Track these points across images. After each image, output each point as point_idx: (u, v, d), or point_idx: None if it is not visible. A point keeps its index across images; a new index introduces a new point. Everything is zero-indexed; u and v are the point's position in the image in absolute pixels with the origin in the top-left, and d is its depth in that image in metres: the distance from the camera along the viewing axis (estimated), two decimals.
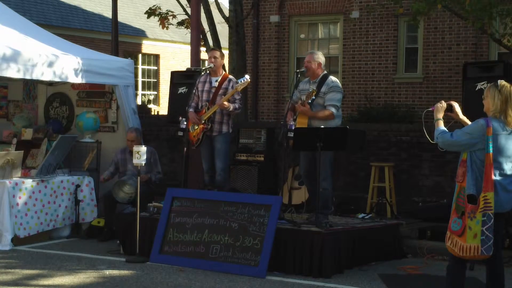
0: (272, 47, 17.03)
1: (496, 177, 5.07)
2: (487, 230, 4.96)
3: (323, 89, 7.78)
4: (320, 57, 8.00)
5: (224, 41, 16.25)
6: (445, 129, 5.29)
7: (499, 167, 5.11)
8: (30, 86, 10.88)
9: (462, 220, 5.04)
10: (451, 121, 5.73)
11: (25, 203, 8.52)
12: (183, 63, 23.47)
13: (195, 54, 10.88)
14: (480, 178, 5.05)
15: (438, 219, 8.83)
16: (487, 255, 5.02)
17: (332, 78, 7.98)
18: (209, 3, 15.32)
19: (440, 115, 5.37)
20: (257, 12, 17.00)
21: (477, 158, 5.10)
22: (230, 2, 14.81)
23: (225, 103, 8.38)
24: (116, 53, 15.28)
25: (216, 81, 8.65)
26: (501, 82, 5.24)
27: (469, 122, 5.53)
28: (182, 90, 10.22)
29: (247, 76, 8.55)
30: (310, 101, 7.64)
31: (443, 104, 5.40)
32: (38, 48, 8.96)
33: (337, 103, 7.82)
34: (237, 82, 8.45)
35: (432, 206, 9.56)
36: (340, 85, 7.95)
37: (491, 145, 5.04)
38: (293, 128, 7.63)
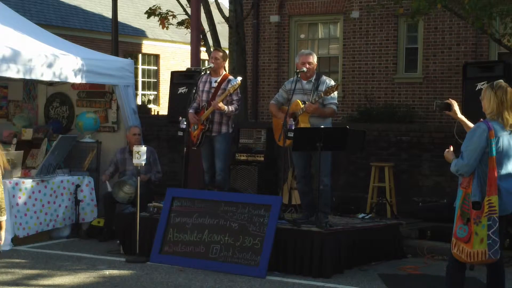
0: (272, 47, 17.02)
1: (500, 180, 5.04)
2: (493, 234, 4.95)
3: (321, 87, 7.86)
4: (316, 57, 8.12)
5: (224, 41, 16.25)
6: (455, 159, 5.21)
7: (503, 169, 5.09)
8: (30, 86, 10.87)
9: (468, 226, 5.01)
10: (452, 121, 5.73)
11: (25, 203, 8.53)
12: (183, 63, 23.45)
13: (195, 54, 10.88)
14: (484, 182, 5.02)
15: (438, 219, 8.83)
16: (494, 258, 5.00)
17: (326, 77, 8.12)
18: (209, 3, 15.32)
19: (452, 159, 5.29)
20: (257, 12, 16.98)
21: (481, 163, 5.07)
22: (230, 2, 14.81)
23: (220, 104, 8.38)
24: (116, 53, 15.26)
25: (216, 81, 8.65)
26: (498, 83, 5.21)
27: (467, 121, 5.51)
28: (182, 90, 10.22)
29: (238, 78, 8.57)
30: (330, 96, 7.77)
31: (450, 148, 5.35)
32: (38, 48, 8.96)
33: (336, 100, 8.01)
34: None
35: (432, 206, 9.56)
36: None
37: (494, 148, 5.01)
38: (293, 128, 7.66)
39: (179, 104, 9.81)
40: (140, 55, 24.29)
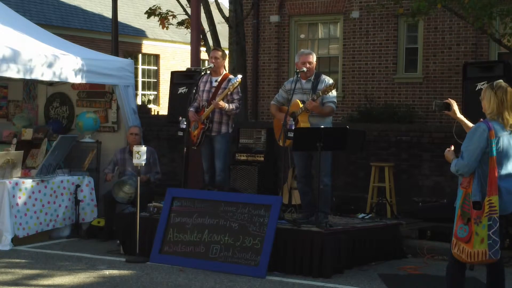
0: (272, 47, 17.03)
1: (500, 179, 5.04)
2: (493, 234, 4.95)
3: (320, 86, 7.85)
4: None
5: (224, 41, 16.25)
6: (456, 158, 5.20)
7: (503, 168, 5.09)
8: (30, 86, 10.87)
9: (469, 226, 5.01)
10: (452, 121, 5.73)
11: (25, 203, 8.52)
12: (183, 63, 23.47)
13: (195, 54, 10.88)
14: (484, 182, 5.02)
15: (438, 219, 8.82)
16: (495, 258, 5.00)
17: (325, 76, 8.10)
18: (209, 3, 15.33)
19: (452, 158, 5.29)
20: (257, 12, 17.00)
21: (481, 163, 5.07)
22: (230, 2, 14.81)
23: (220, 102, 8.39)
24: (116, 53, 15.27)
25: (216, 81, 8.66)
26: (498, 83, 5.20)
27: (466, 121, 5.52)
28: (182, 90, 10.22)
29: (239, 76, 8.58)
30: (328, 95, 7.75)
31: (451, 148, 5.36)
32: (38, 48, 8.95)
33: (335, 99, 7.99)
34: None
35: (432, 206, 9.56)
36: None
37: (494, 148, 5.01)
38: (293, 128, 7.66)
39: (179, 104, 9.81)
40: (140, 55, 24.30)
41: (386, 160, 10.19)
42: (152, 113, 20.37)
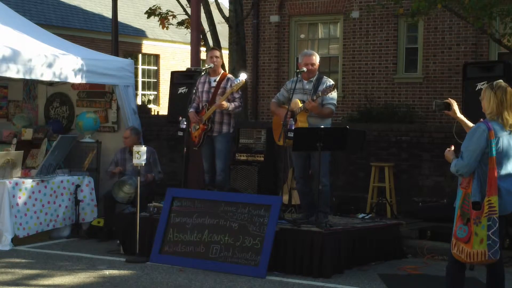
0: (272, 47, 17.02)
1: (500, 180, 5.04)
2: (493, 235, 4.95)
3: (321, 88, 7.83)
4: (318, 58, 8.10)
5: (224, 41, 16.26)
6: (456, 158, 5.20)
7: (503, 169, 5.09)
8: (30, 86, 10.88)
9: (468, 226, 5.01)
10: (452, 121, 5.73)
11: (25, 203, 8.52)
12: (183, 63, 23.47)
13: (195, 54, 10.89)
14: (484, 182, 5.02)
15: (438, 219, 8.83)
16: (494, 259, 5.00)
17: (327, 78, 8.08)
18: (209, 3, 15.34)
19: (452, 158, 5.29)
20: (257, 12, 17.00)
21: (481, 163, 5.07)
22: (230, 2, 14.82)
23: (223, 103, 8.39)
24: (116, 53, 15.27)
25: (215, 81, 8.65)
26: (497, 83, 5.20)
27: (466, 121, 5.52)
28: (182, 90, 10.22)
29: (243, 77, 8.54)
30: (328, 96, 7.72)
31: (451, 148, 5.36)
32: (38, 48, 8.96)
33: (335, 101, 7.96)
34: (234, 82, 8.48)
35: (432, 206, 9.56)
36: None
37: (494, 149, 5.01)
38: (293, 128, 7.65)
39: (179, 104, 9.81)
40: (140, 55, 24.30)
41: (386, 160, 10.19)
42: (152, 113, 20.38)
